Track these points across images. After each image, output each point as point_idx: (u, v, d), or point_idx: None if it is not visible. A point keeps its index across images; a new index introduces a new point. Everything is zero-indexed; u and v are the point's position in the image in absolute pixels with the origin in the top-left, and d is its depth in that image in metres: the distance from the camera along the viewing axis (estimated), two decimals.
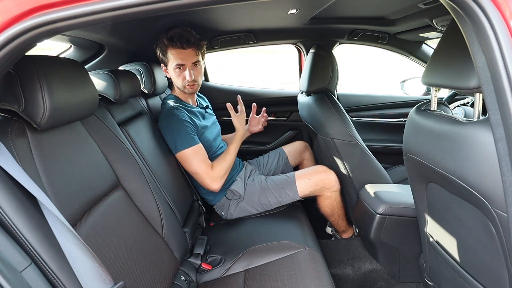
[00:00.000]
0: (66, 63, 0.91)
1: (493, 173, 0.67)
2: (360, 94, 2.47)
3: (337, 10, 1.63)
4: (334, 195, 1.66)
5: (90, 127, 1.04)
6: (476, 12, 0.60)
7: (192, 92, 1.64)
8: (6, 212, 0.64)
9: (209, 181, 1.50)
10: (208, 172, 1.49)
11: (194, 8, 0.64)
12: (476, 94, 0.74)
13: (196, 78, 1.59)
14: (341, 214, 1.73)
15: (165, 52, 1.54)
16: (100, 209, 0.93)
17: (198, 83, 1.62)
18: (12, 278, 0.58)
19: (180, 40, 1.49)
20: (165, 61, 1.57)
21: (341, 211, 1.72)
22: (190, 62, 1.54)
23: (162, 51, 1.55)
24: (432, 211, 1.05)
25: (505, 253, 0.73)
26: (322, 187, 1.63)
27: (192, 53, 1.53)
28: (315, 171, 1.67)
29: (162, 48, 1.54)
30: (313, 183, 1.63)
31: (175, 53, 1.52)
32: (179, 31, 1.50)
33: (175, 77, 1.58)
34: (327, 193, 1.65)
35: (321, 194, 1.66)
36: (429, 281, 1.22)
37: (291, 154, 1.99)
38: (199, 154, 1.50)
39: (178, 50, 1.51)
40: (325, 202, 1.68)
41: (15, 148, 0.74)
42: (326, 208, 1.69)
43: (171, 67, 1.56)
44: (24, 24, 0.58)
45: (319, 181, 1.63)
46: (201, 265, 1.29)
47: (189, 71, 1.55)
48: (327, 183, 1.62)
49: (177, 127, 1.50)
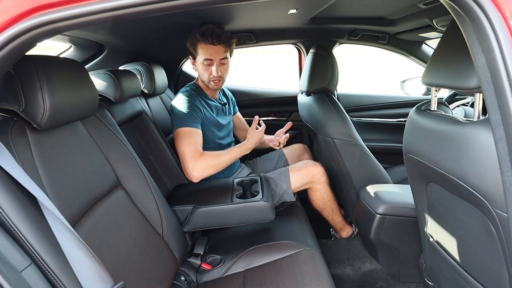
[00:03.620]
0: (66, 63, 0.91)
1: (493, 173, 0.67)
2: (360, 94, 2.47)
3: (337, 10, 1.64)
4: (323, 187, 1.70)
5: (90, 127, 1.04)
6: (476, 12, 0.60)
7: (216, 89, 1.68)
8: (6, 212, 0.64)
9: (191, 166, 1.43)
10: (194, 157, 1.44)
11: (194, 8, 0.64)
12: (476, 94, 0.74)
13: (222, 75, 1.63)
14: (334, 208, 1.75)
15: (195, 46, 1.58)
16: (100, 209, 0.93)
17: (223, 79, 1.66)
18: (12, 278, 0.58)
19: (212, 36, 1.53)
20: (194, 54, 1.61)
21: (333, 204, 1.74)
22: (218, 58, 1.59)
23: (192, 45, 1.59)
24: (432, 211, 1.05)
25: (505, 253, 0.73)
26: (311, 178, 1.67)
27: (222, 50, 1.58)
28: (304, 164, 1.72)
29: (193, 41, 1.58)
30: (303, 174, 1.66)
31: (205, 48, 1.56)
32: (212, 27, 1.54)
33: (202, 71, 1.62)
34: (316, 185, 1.68)
35: (311, 187, 1.70)
36: (429, 281, 1.22)
37: (290, 157, 2.00)
38: (192, 137, 1.48)
39: (209, 46, 1.55)
40: (316, 195, 1.71)
41: (15, 148, 0.74)
42: (317, 201, 1.72)
43: (200, 61, 1.60)
44: (24, 24, 0.58)
45: (308, 172, 1.67)
46: (201, 265, 1.29)
47: (216, 67, 1.59)
48: (315, 174, 1.67)
49: (183, 107, 1.53)
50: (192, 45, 1.59)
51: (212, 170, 1.48)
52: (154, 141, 1.57)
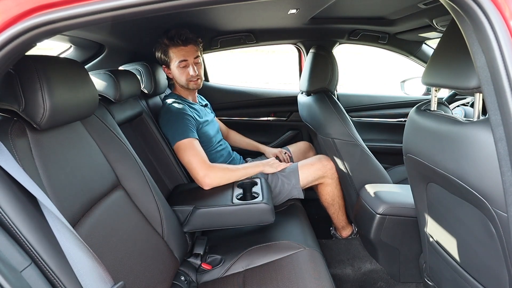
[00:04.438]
0: (66, 63, 0.91)
1: (493, 173, 0.67)
2: (360, 94, 2.47)
3: (337, 10, 1.64)
4: (335, 182, 1.70)
5: (90, 127, 1.04)
6: (476, 12, 0.60)
7: (196, 88, 1.69)
8: (6, 212, 0.64)
9: (202, 173, 1.43)
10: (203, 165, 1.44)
11: (194, 8, 0.64)
12: (476, 94, 0.74)
13: (199, 73, 1.65)
14: (341, 205, 1.75)
15: (166, 52, 1.60)
16: (100, 209, 0.93)
17: (201, 77, 1.68)
18: (12, 278, 0.58)
19: (181, 38, 1.56)
20: (167, 61, 1.62)
21: (341, 201, 1.74)
22: (192, 57, 1.61)
23: (163, 52, 1.61)
24: (432, 211, 1.05)
25: (505, 253, 0.73)
26: (324, 173, 1.67)
27: (193, 49, 1.61)
28: (317, 158, 1.72)
29: (163, 48, 1.60)
30: (316, 168, 1.67)
31: (177, 51, 1.58)
32: (177, 30, 1.56)
33: (179, 75, 1.63)
34: (328, 179, 1.68)
35: (323, 182, 1.69)
36: (429, 281, 1.22)
37: (295, 154, 2.01)
38: (195, 147, 1.48)
39: (180, 48, 1.58)
40: (326, 190, 1.71)
41: (15, 148, 0.74)
42: (327, 195, 1.72)
43: (174, 65, 1.61)
44: (24, 24, 0.58)
45: (322, 166, 1.67)
46: (201, 265, 1.29)
47: (192, 66, 1.61)
48: (329, 168, 1.67)
49: (176, 119, 1.53)
50: (163, 52, 1.60)
51: (224, 181, 1.47)
52: (154, 141, 1.57)
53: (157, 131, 1.60)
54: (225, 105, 2.39)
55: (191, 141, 1.49)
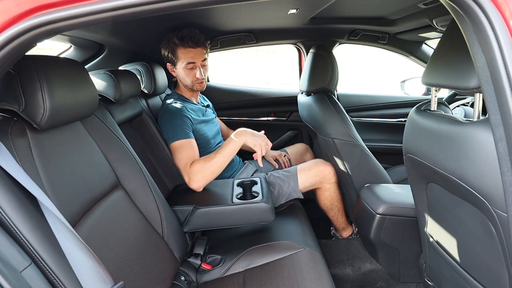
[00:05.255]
0: (66, 63, 0.91)
1: (493, 173, 0.67)
2: (360, 94, 2.47)
3: (337, 10, 1.64)
4: (333, 187, 1.69)
5: (90, 127, 1.04)
6: (476, 12, 0.60)
7: (200, 89, 1.69)
8: (6, 212, 0.64)
9: (187, 178, 1.41)
10: (186, 169, 1.41)
11: (194, 8, 0.64)
12: (476, 94, 0.74)
13: (205, 76, 1.65)
14: (340, 208, 1.74)
15: (174, 51, 1.58)
16: (100, 209, 0.93)
17: (206, 80, 1.68)
18: (12, 278, 0.58)
19: (191, 39, 1.55)
20: (173, 60, 1.61)
21: (340, 204, 1.74)
22: (200, 60, 1.60)
23: (171, 50, 1.59)
24: (432, 211, 1.05)
25: (505, 253, 0.73)
26: (321, 178, 1.66)
27: (202, 52, 1.60)
28: (314, 163, 1.71)
29: (172, 47, 1.58)
30: (313, 174, 1.65)
31: (186, 52, 1.57)
32: (189, 31, 1.55)
33: (185, 76, 1.62)
34: (326, 184, 1.67)
35: (320, 186, 1.68)
36: (429, 281, 1.22)
37: (293, 156, 2.01)
38: (186, 148, 1.46)
39: (189, 49, 1.57)
40: (325, 194, 1.70)
41: (15, 148, 0.74)
42: (325, 200, 1.71)
43: (181, 66, 1.60)
44: (24, 24, 0.58)
45: (319, 172, 1.66)
46: (201, 265, 1.29)
47: (199, 69, 1.60)
48: (326, 174, 1.66)
49: (173, 120, 1.52)
50: (171, 51, 1.59)
51: (209, 175, 1.41)
52: (154, 141, 1.57)
53: (157, 131, 1.60)
54: (225, 105, 2.39)
55: (181, 143, 1.47)
